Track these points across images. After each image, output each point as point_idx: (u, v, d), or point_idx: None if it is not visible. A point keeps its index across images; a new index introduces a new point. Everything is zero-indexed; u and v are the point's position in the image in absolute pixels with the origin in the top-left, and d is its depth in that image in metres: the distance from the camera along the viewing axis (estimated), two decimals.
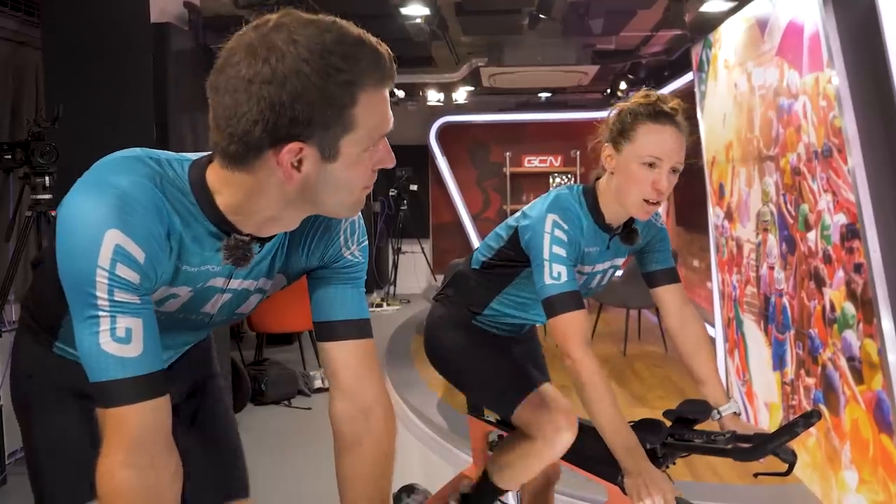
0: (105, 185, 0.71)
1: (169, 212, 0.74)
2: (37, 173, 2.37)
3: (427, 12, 3.10)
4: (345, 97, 0.69)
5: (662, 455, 1.25)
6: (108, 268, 0.69)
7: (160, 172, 0.74)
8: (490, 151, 6.86)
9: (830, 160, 2.00)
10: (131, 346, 0.70)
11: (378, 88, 0.72)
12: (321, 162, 0.71)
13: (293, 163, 0.71)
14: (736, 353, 2.96)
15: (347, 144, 0.71)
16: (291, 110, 0.68)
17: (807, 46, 2.12)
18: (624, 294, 3.98)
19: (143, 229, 0.71)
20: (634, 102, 1.29)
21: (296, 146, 0.70)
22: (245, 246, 0.78)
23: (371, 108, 0.71)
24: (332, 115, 0.69)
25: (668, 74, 4.56)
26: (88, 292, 0.70)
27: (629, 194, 1.27)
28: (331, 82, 0.68)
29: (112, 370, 0.70)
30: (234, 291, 0.85)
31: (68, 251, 0.70)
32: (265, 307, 4.36)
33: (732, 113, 2.88)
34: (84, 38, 2.49)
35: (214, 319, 0.88)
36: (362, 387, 0.89)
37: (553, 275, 1.24)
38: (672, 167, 1.25)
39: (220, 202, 0.76)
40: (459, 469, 1.74)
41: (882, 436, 1.82)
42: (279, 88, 0.67)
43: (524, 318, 1.51)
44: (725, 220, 3.03)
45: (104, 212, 0.69)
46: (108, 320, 0.70)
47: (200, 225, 0.77)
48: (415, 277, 6.63)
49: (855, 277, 1.91)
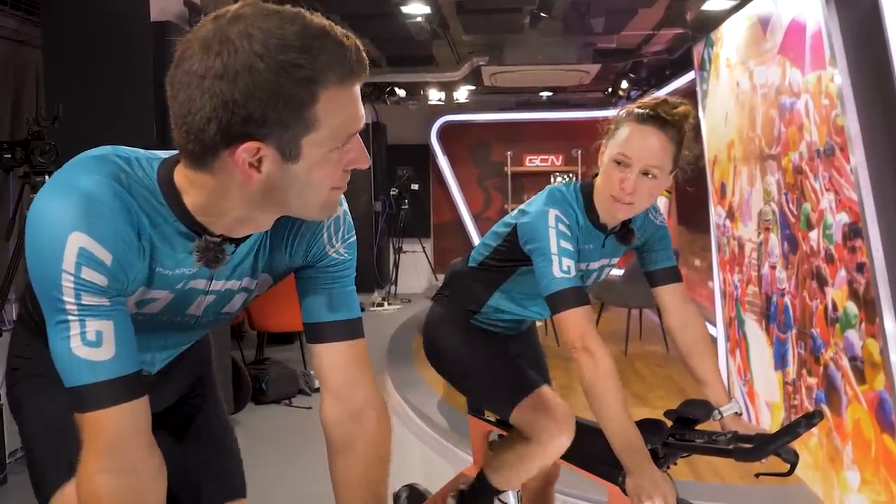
0: (70, 186, 0.69)
1: (137, 212, 0.72)
2: (37, 172, 2.37)
3: (428, 11, 3.09)
4: (304, 95, 0.65)
5: (664, 455, 1.24)
6: (73, 271, 0.68)
7: (128, 172, 0.72)
8: (491, 150, 6.85)
9: (833, 159, 1.99)
10: (102, 349, 0.69)
11: (343, 85, 0.67)
12: (282, 162, 0.68)
13: (252, 162, 0.68)
14: (737, 353, 2.95)
15: (309, 145, 0.68)
16: (244, 108, 0.65)
17: (809, 45, 2.11)
18: (625, 293, 3.98)
19: (110, 231, 0.69)
20: (638, 104, 1.28)
21: (252, 146, 0.66)
22: (216, 247, 0.75)
23: (334, 107, 0.67)
24: (289, 113, 0.66)
25: (669, 73, 4.55)
26: (56, 297, 0.68)
27: (601, 190, 1.29)
28: (287, 79, 0.64)
29: (84, 375, 0.69)
30: (218, 293, 0.83)
31: (34, 255, 0.69)
32: (265, 307, 4.34)
33: (734, 112, 2.87)
34: (84, 37, 2.49)
35: (201, 321, 0.87)
36: (352, 389, 0.87)
37: (563, 268, 1.23)
38: (644, 170, 1.23)
39: (188, 202, 0.73)
40: (460, 468, 1.74)
41: (884, 436, 1.82)
42: (231, 85, 0.64)
43: (521, 314, 1.51)
44: (727, 220, 3.02)
45: (68, 214, 0.67)
46: (78, 324, 0.69)
47: (170, 226, 0.74)
48: (416, 277, 6.62)
49: (857, 277, 1.90)
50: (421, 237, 6.50)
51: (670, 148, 1.23)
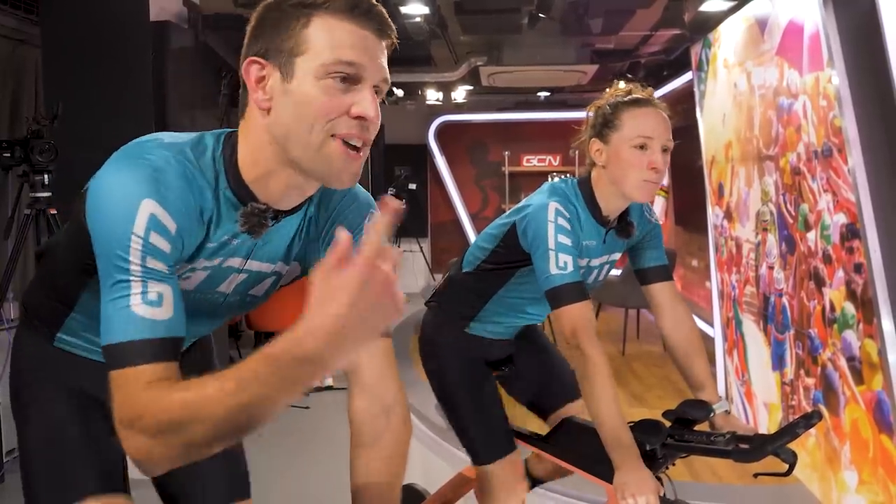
0: (139, 158, 0.74)
1: (202, 186, 0.77)
2: (35, 171, 2.37)
3: (426, 11, 3.10)
4: (300, 16, 0.74)
5: (662, 456, 1.25)
6: (142, 235, 0.72)
7: (196, 146, 0.79)
8: (489, 150, 6.86)
9: (830, 160, 2.00)
10: (162, 309, 0.72)
11: (338, 16, 0.74)
12: (282, 81, 0.75)
13: (258, 77, 0.76)
14: (735, 353, 2.96)
15: (301, 66, 0.74)
16: (256, 31, 0.76)
17: (807, 46, 2.12)
18: (623, 293, 3.99)
19: (176, 202, 0.74)
20: (611, 95, 1.32)
21: (259, 61, 0.75)
22: (261, 214, 0.79)
23: (324, 33, 0.74)
24: (285, 34, 0.74)
25: (667, 74, 4.56)
26: (121, 257, 0.72)
27: (627, 179, 1.28)
28: (286, 2, 0.75)
29: (143, 331, 0.72)
30: (250, 272, 0.87)
31: (104, 219, 0.73)
32: (264, 306, 4.37)
33: (732, 112, 2.88)
34: (83, 37, 2.49)
35: (228, 299, 0.89)
36: (385, 384, 0.89)
37: (559, 264, 1.23)
38: (664, 146, 1.27)
39: (241, 165, 0.79)
40: (458, 469, 1.74)
41: (882, 436, 1.82)
42: (255, 14, 0.77)
43: (516, 322, 1.51)
44: (725, 220, 3.02)
45: (139, 182, 0.72)
46: (140, 284, 0.72)
47: (223, 194, 0.79)
48: (413, 277, 6.63)
49: (855, 277, 1.90)
50: (418, 237, 6.50)
51: (668, 120, 1.30)
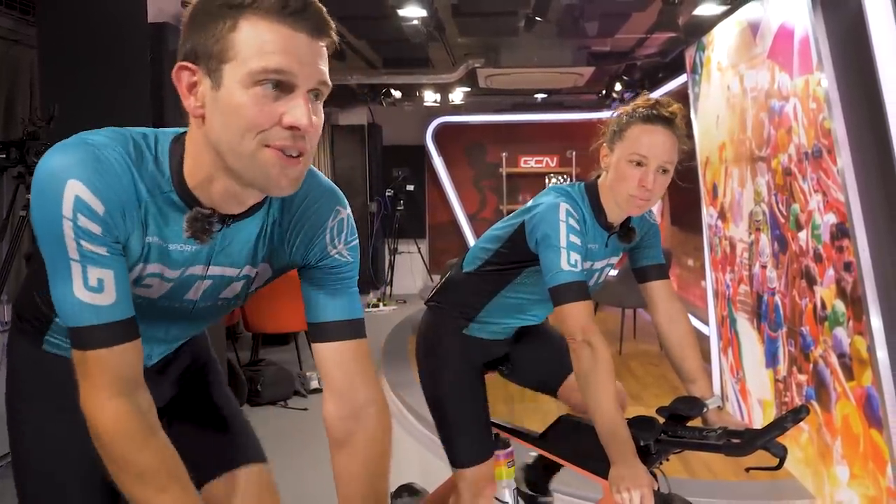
0: (78, 140, 0.74)
1: (137, 179, 0.75)
2: (31, 173, 2.34)
3: (424, 14, 3.11)
4: (226, 18, 0.69)
5: (656, 451, 1.27)
6: (71, 218, 0.71)
7: (139, 144, 0.76)
8: (486, 152, 6.87)
9: (820, 161, 2.03)
10: (104, 294, 0.73)
11: (267, 18, 0.69)
12: (211, 88, 0.72)
13: (188, 84, 0.73)
14: (730, 351, 2.98)
15: (229, 73, 0.70)
16: (188, 31, 0.72)
17: (797, 49, 2.14)
18: (620, 293, 4.01)
19: (104, 184, 0.72)
20: (634, 105, 1.33)
21: (189, 66, 0.72)
22: (205, 219, 0.77)
23: (251, 37, 0.69)
24: (212, 38, 0.70)
25: (662, 76, 4.58)
26: (58, 242, 0.72)
27: (619, 191, 1.31)
28: (211, 4, 0.70)
29: (88, 317, 0.73)
30: (215, 278, 0.86)
31: (37, 202, 0.73)
32: (261, 308, 4.31)
33: (725, 114, 2.91)
34: (80, 38, 2.49)
35: (199, 305, 0.88)
36: (354, 388, 0.89)
37: (570, 262, 1.25)
38: (660, 167, 1.28)
39: (186, 169, 0.77)
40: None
41: (872, 431, 1.85)
42: (186, 12, 0.72)
43: (517, 322, 1.52)
44: (719, 220, 3.05)
45: (68, 163, 0.72)
46: (80, 269, 0.73)
47: (166, 196, 0.77)
48: (411, 278, 6.64)
49: (845, 276, 1.93)
50: (416, 238, 6.51)
51: (676, 143, 1.30)
